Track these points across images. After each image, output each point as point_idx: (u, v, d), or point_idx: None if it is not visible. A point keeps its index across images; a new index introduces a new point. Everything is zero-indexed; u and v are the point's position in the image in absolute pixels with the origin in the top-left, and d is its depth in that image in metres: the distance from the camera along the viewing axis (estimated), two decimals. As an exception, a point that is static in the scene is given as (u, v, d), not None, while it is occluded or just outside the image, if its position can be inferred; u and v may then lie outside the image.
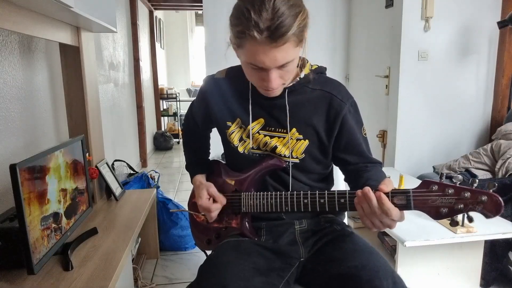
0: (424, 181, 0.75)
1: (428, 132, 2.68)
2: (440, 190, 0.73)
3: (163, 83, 6.52)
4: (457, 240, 1.40)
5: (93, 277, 1.11)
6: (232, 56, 0.92)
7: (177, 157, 5.10)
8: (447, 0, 2.48)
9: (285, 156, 0.97)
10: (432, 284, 1.55)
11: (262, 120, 0.98)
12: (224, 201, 1.01)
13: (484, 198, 0.69)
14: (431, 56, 2.56)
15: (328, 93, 0.96)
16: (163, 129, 5.83)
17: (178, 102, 6.03)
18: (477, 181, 0.72)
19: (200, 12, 6.61)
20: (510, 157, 2.02)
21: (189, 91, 7.71)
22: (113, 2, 1.83)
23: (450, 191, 0.72)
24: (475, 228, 1.41)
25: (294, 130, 0.96)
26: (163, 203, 2.19)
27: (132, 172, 2.55)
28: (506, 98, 2.61)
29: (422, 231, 1.42)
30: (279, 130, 0.97)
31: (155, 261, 2.12)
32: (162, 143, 5.37)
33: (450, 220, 0.77)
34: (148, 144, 4.79)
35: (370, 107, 3.10)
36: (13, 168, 0.96)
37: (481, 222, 0.72)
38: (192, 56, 8.30)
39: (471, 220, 0.72)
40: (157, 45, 5.59)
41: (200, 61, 8.14)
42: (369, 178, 0.92)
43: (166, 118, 6.18)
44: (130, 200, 1.86)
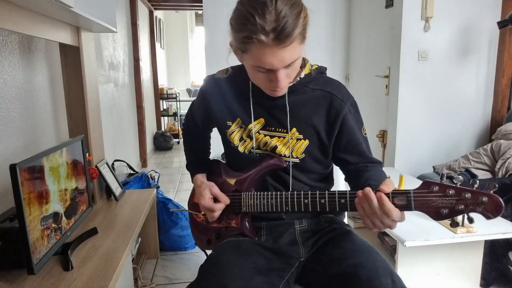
0: (425, 182, 0.75)
1: (428, 132, 2.68)
2: (440, 191, 0.73)
3: (163, 83, 6.52)
4: (457, 240, 1.40)
5: (93, 277, 1.11)
6: (232, 57, 0.92)
7: (177, 157, 5.10)
8: (447, 0, 2.48)
9: (285, 156, 0.97)
10: (432, 284, 1.55)
11: (262, 120, 0.98)
12: (227, 201, 1.00)
13: (485, 199, 0.69)
14: (431, 56, 2.56)
15: (328, 93, 0.96)
16: (163, 129, 5.83)
17: (178, 102, 6.03)
18: (477, 181, 0.72)
19: (200, 12, 6.61)
20: (510, 157, 2.02)
21: (189, 91, 7.71)
22: (113, 2, 1.83)
23: (451, 192, 0.72)
24: (475, 228, 1.41)
25: (294, 130, 0.96)
26: (163, 203, 2.19)
27: (132, 172, 2.55)
28: (506, 98, 2.61)
29: (422, 231, 1.42)
30: (279, 130, 0.97)
31: (155, 261, 2.12)
32: (162, 143, 5.37)
33: (450, 221, 0.77)
34: (148, 144, 4.79)
35: (370, 107, 3.10)
36: (13, 168, 0.96)
37: (481, 222, 0.72)
38: (192, 56, 8.30)
39: (471, 221, 0.72)
40: (157, 45, 5.59)
41: (200, 61, 8.14)
42: (369, 178, 0.92)
43: (166, 118, 6.18)
44: (130, 200, 1.86)
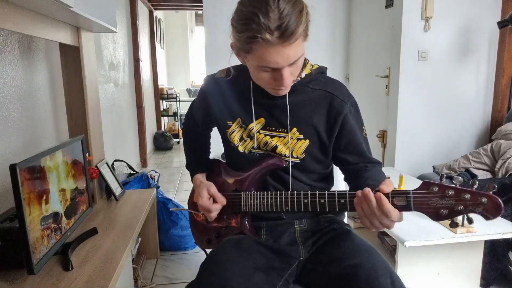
0: (424, 182, 0.75)
1: (428, 132, 2.68)
2: (440, 192, 0.73)
3: (163, 83, 6.52)
4: (457, 240, 1.40)
5: (93, 277, 1.11)
6: (234, 59, 0.92)
7: (177, 157, 5.10)
8: (447, 0, 2.48)
9: (285, 155, 0.97)
10: (432, 284, 1.55)
11: (262, 120, 0.98)
12: (224, 202, 1.01)
13: (484, 199, 0.69)
14: (431, 56, 2.56)
15: (329, 93, 0.96)
16: (163, 129, 5.83)
17: (178, 102, 6.03)
18: (477, 182, 0.72)
19: (200, 12, 6.61)
20: (510, 157, 2.02)
21: (189, 91, 7.70)
22: (113, 2, 1.83)
23: (450, 192, 0.72)
24: (475, 228, 1.41)
25: (294, 129, 0.96)
26: (163, 203, 2.19)
27: (132, 172, 2.55)
28: (506, 98, 2.61)
29: (422, 231, 1.42)
30: (280, 129, 0.97)
31: (155, 261, 2.12)
32: (162, 143, 5.37)
33: (450, 221, 0.77)
34: (148, 144, 4.79)
35: (370, 107, 3.10)
36: (13, 168, 0.96)
37: (481, 222, 0.72)
38: (192, 56, 8.30)
39: (471, 221, 0.72)
40: (157, 45, 5.59)
41: (200, 61, 8.14)
42: (368, 178, 0.92)
43: (166, 118, 6.18)
44: (130, 200, 1.86)
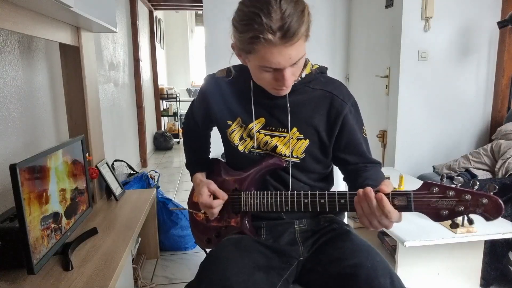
0: (425, 183, 0.75)
1: (428, 132, 2.68)
2: (440, 192, 0.73)
3: (163, 83, 6.52)
4: (457, 240, 1.40)
5: (93, 277, 1.11)
6: (234, 59, 0.92)
7: (177, 157, 5.10)
8: (447, 0, 2.48)
9: (285, 155, 0.97)
10: (432, 284, 1.55)
11: (263, 120, 0.98)
12: (225, 197, 1.00)
13: (485, 200, 0.69)
14: (431, 56, 2.56)
15: (329, 93, 0.96)
16: (163, 129, 5.83)
17: (178, 102, 6.03)
18: (477, 183, 0.72)
19: (200, 12, 6.61)
20: (510, 157, 2.02)
21: (189, 91, 7.70)
22: (113, 2, 1.83)
23: (451, 193, 0.72)
24: (475, 228, 1.41)
25: (294, 129, 0.96)
26: (163, 203, 2.19)
27: (132, 172, 2.55)
28: (506, 98, 2.61)
29: (422, 231, 1.42)
30: (280, 129, 0.97)
31: (155, 261, 2.12)
32: (162, 143, 5.37)
33: (450, 222, 0.77)
34: (148, 144, 4.79)
35: (370, 107, 3.10)
36: (13, 168, 0.96)
37: (481, 222, 0.72)
38: (192, 56, 8.30)
39: (471, 222, 0.72)
40: (157, 45, 5.59)
41: (200, 61, 8.13)
42: (368, 178, 0.92)
43: (166, 118, 6.18)
44: (130, 200, 1.86)
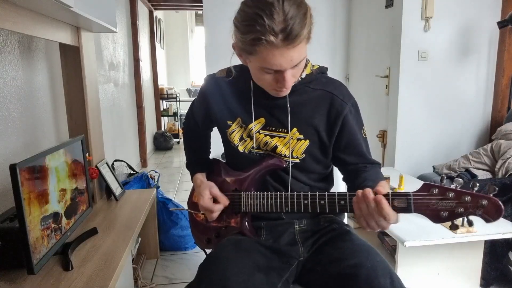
0: (425, 184, 0.75)
1: (428, 132, 2.68)
2: (440, 194, 0.73)
3: (163, 83, 6.52)
4: (457, 240, 1.40)
5: (93, 277, 1.11)
6: (235, 59, 0.92)
7: (177, 157, 5.10)
8: (447, 0, 2.48)
9: (285, 156, 0.97)
10: (432, 284, 1.55)
11: (263, 120, 0.98)
12: (226, 202, 1.01)
13: (485, 202, 0.69)
14: (431, 56, 2.56)
15: (329, 93, 0.96)
16: (163, 129, 5.83)
17: (178, 102, 6.03)
18: (477, 184, 0.72)
19: (200, 12, 6.61)
20: (510, 157, 2.02)
21: (189, 91, 7.70)
22: (113, 2, 1.83)
23: (451, 194, 0.72)
24: (475, 228, 1.41)
25: (295, 130, 0.96)
26: (163, 203, 2.19)
27: (132, 172, 2.55)
28: (506, 98, 2.60)
29: (422, 231, 1.42)
30: (280, 130, 0.97)
31: (155, 261, 2.12)
32: (162, 143, 5.37)
33: (450, 224, 0.77)
34: (148, 144, 4.79)
35: (370, 107, 3.10)
36: (13, 168, 0.96)
37: (481, 222, 0.72)
38: (192, 56, 8.30)
39: (471, 224, 0.72)
40: (157, 45, 5.58)
41: (200, 61, 8.13)
42: (366, 179, 0.92)
43: (166, 118, 6.18)
44: (130, 200, 1.86)
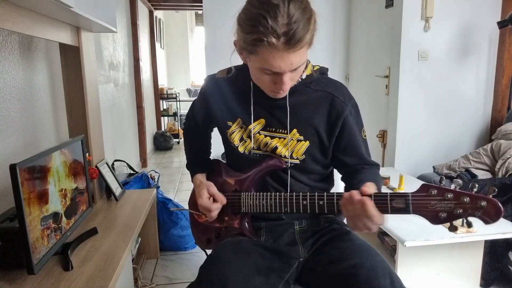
0: (423, 185, 0.75)
1: (428, 132, 2.68)
2: (439, 195, 0.73)
3: (163, 83, 6.52)
4: (457, 240, 1.40)
5: (93, 277, 1.11)
6: (235, 56, 0.92)
7: (177, 157, 5.10)
8: (447, 0, 2.48)
9: (285, 157, 0.97)
10: (432, 284, 1.55)
11: (263, 121, 0.98)
12: (224, 201, 1.01)
13: (484, 203, 0.69)
14: (431, 56, 2.56)
15: (329, 94, 0.96)
16: (163, 129, 5.83)
17: (178, 102, 6.03)
18: (477, 185, 0.72)
19: (200, 12, 6.61)
20: (510, 157, 2.02)
21: (189, 91, 7.70)
22: (113, 2, 1.83)
23: (450, 195, 0.72)
24: (475, 228, 1.41)
25: (295, 131, 0.96)
26: (163, 203, 2.19)
27: (132, 172, 2.55)
28: (506, 98, 2.60)
29: (422, 231, 1.42)
30: (280, 130, 0.97)
31: (155, 261, 2.12)
32: (162, 143, 5.37)
33: (449, 225, 0.77)
34: (148, 144, 4.79)
35: (370, 107, 3.10)
36: (13, 168, 0.96)
37: (481, 222, 0.72)
38: (192, 56, 8.29)
39: (470, 225, 0.72)
40: (157, 45, 5.58)
41: (200, 61, 8.13)
42: (361, 180, 0.92)
43: (166, 118, 6.18)
44: (130, 200, 1.86)
